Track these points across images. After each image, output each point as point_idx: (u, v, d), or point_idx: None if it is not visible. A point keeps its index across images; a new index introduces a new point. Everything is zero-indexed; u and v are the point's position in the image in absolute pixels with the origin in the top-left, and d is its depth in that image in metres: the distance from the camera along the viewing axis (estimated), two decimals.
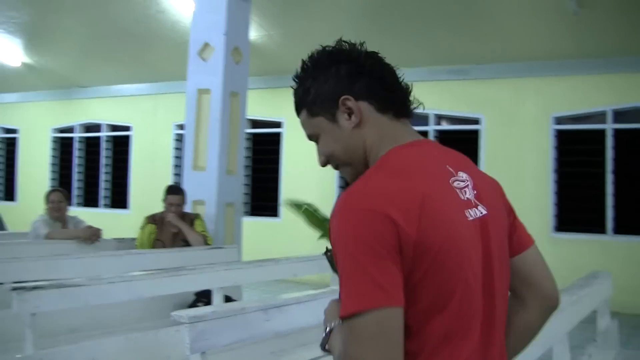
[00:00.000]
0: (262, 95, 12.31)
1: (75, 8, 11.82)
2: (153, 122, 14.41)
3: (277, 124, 13.29)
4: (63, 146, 16.19)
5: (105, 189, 15.21)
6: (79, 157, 15.77)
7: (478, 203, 1.60)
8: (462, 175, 1.61)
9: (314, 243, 12.04)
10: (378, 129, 1.67)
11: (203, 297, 5.37)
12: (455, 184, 1.58)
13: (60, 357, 3.59)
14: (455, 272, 1.47)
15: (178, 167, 14.08)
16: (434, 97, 11.12)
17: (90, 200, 15.52)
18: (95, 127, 15.59)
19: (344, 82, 1.67)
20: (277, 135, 13.30)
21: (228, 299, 5.00)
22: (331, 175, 12.54)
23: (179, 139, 14.14)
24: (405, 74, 1.76)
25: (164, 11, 11.32)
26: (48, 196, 6.80)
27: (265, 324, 3.08)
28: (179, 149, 14.13)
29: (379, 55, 1.73)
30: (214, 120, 6.77)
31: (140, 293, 4.32)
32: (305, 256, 5.82)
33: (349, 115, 1.67)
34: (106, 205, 15.13)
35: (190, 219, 6.59)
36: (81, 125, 15.67)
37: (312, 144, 1.77)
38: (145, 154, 14.46)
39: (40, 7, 12.12)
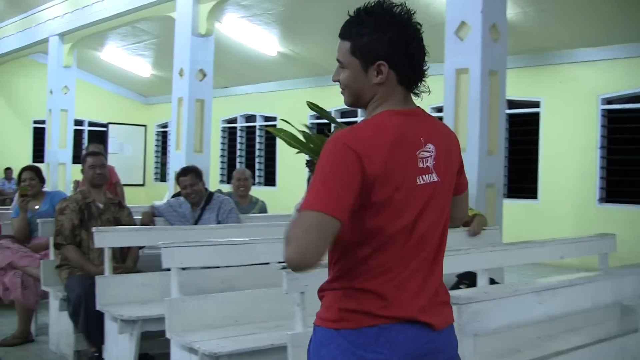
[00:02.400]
0: (518, 74, 12.05)
1: None
2: None
3: (535, 104, 12.96)
4: (319, 132, 16.80)
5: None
6: None
7: (433, 171, 2.12)
8: (430, 146, 2.12)
9: (574, 226, 11.68)
10: (388, 92, 2.16)
11: (465, 279, 5.38)
12: (419, 153, 2.10)
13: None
14: (391, 216, 2.04)
15: None
16: None
17: None
18: (351, 112, 16.08)
19: (388, 50, 2.11)
20: (535, 115, 12.98)
21: (492, 282, 4.98)
22: (592, 156, 12.07)
23: None
24: None
25: None
26: None
27: (537, 306, 3.04)
28: None
29: (420, 31, 2.20)
30: (474, 100, 6.73)
31: None
32: (573, 238, 5.62)
33: (377, 74, 2.13)
34: None
35: None
36: (337, 110, 16.23)
37: (572, 125, 1.93)
38: None
39: None
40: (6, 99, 20.30)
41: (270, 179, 18.15)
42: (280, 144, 17.09)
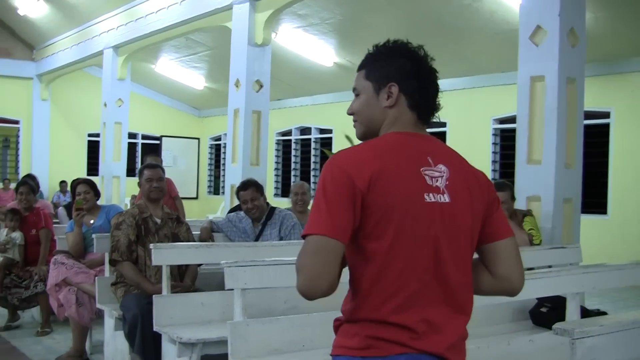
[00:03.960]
0: (587, 83, 11.61)
1: (388, 4, 12.02)
2: (469, 117, 14.21)
3: (605, 114, 12.48)
4: None
5: None
6: None
7: (445, 192, 2.12)
8: (441, 167, 2.15)
9: None
10: (397, 116, 2.23)
11: (547, 302, 5.05)
12: (426, 171, 2.12)
13: None
14: (396, 230, 2.04)
15: (496, 162, 13.79)
16: None
17: None
18: None
19: (401, 74, 2.22)
20: (605, 127, 12.50)
21: (582, 309, 4.64)
22: None
23: (497, 133, 13.85)
24: None
25: (481, 0, 11.10)
26: None
27: None
28: (496, 144, 13.84)
29: (432, 66, 2.29)
30: (550, 110, 6.39)
31: (496, 298, 4.09)
32: None
33: (388, 97, 2.22)
34: None
35: (523, 214, 6.31)
36: None
37: None
38: (461, 150, 14.19)
39: (353, 6, 12.51)
40: (61, 113, 20.45)
41: None
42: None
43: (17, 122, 20.23)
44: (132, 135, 19.13)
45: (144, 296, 5.23)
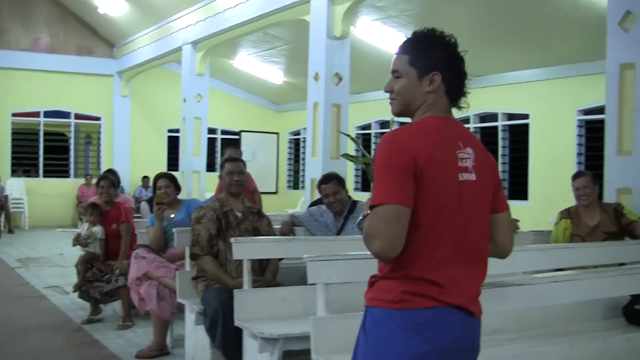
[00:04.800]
0: None
1: None
2: (553, 108, 13.82)
3: None
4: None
5: (503, 179, 14.99)
6: None
7: (472, 171, 2.50)
8: (469, 150, 2.53)
9: None
10: (435, 101, 2.57)
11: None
12: (459, 154, 2.49)
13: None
14: (439, 204, 2.41)
15: (581, 155, 13.39)
16: None
17: None
18: (491, 117, 15.49)
19: (443, 64, 2.55)
20: None
21: None
22: None
23: (582, 125, 13.44)
24: None
25: None
26: None
27: None
28: (581, 135, 13.44)
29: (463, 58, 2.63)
30: None
31: (588, 294, 3.93)
32: None
33: (430, 83, 2.54)
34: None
35: (613, 207, 6.07)
36: (476, 115, 15.66)
37: None
38: (545, 142, 13.94)
39: None
40: (141, 109, 20.77)
41: None
42: None
43: (98, 118, 20.61)
44: (211, 131, 19.30)
45: (224, 291, 5.21)
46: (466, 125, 15.68)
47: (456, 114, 2.64)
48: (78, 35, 20.04)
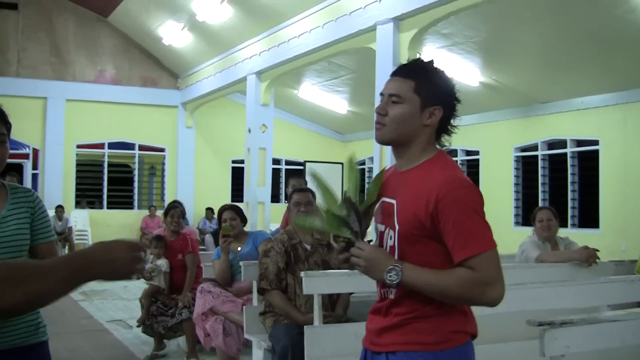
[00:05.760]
0: None
1: (535, 19, 11.56)
2: (623, 134, 13.44)
3: None
4: (525, 165, 16.03)
5: (573, 207, 14.62)
6: (543, 175, 15.47)
7: None
8: None
9: None
10: (431, 136, 2.55)
11: None
12: None
13: None
14: None
15: None
16: None
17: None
18: (560, 144, 15.15)
19: (445, 100, 2.52)
20: None
21: None
22: None
23: None
24: None
25: (634, 10, 10.45)
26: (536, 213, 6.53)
27: None
28: None
29: None
30: None
31: None
32: None
33: (430, 116, 2.50)
34: (574, 225, 14.49)
35: None
36: (544, 142, 15.35)
37: None
38: (616, 168, 13.54)
39: (499, 23, 12.08)
40: (205, 140, 20.91)
41: None
42: (483, 179, 16.33)
43: (162, 150, 20.81)
44: (276, 161, 19.28)
45: (294, 326, 5.07)
46: (534, 153, 15.75)
47: (525, 140, 2.57)
48: (143, 66, 20.33)
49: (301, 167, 21.59)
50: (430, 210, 2.38)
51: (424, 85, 2.49)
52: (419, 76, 2.51)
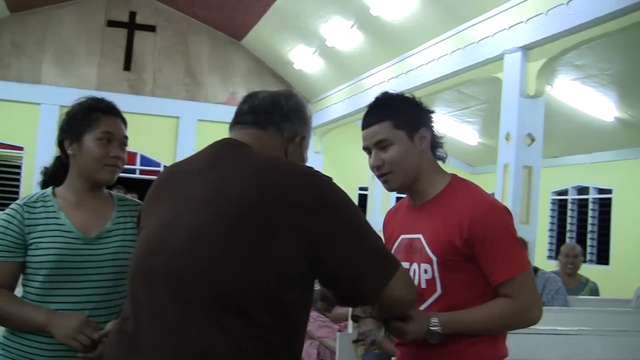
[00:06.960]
0: None
1: None
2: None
3: None
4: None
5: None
6: None
7: None
8: None
9: None
10: (431, 159, 2.63)
11: None
12: None
13: None
14: None
15: None
16: None
17: None
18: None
19: (423, 119, 2.63)
20: None
21: None
22: None
23: None
24: None
25: None
26: None
27: None
28: None
29: None
30: None
31: None
32: None
33: (421, 141, 2.57)
34: None
35: None
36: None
37: None
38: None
39: (636, 54, 11.57)
40: (334, 165, 21.00)
41: (603, 257, 16.63)
42: (616, 219, 15.67)
43: None
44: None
45: (384, 356, 5.00)
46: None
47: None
48: (274, 90, 20.64)
49: None
50: (464, 236, 2.40)
51: (399, 118, 2.55)
52: (391, 112, 2.57)
